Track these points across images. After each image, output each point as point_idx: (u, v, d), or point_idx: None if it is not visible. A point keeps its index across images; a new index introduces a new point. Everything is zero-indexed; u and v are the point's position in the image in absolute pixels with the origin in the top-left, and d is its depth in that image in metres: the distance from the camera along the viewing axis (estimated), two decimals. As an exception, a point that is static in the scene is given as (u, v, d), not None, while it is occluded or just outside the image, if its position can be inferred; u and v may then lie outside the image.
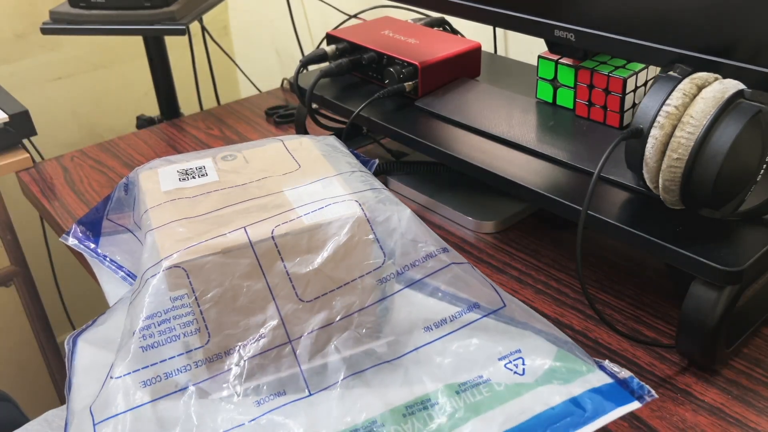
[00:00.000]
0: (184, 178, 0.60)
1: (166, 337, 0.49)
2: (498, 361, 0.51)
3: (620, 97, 0.69)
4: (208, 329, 0.50)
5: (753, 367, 0.57)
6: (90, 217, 0.66)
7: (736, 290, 0.53)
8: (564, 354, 0.52)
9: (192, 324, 0.50)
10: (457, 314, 0.53)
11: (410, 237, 0.54)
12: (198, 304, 0.50)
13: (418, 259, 0.53)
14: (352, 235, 0.52)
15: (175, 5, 1.02)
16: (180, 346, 0.49)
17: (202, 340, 0.50)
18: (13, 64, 1.42)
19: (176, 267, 0.49)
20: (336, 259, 0.52)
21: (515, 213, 0.78)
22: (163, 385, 0.48)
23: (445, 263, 0.53)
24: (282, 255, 0.51)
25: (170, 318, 0.49)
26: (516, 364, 0.51)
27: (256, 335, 0.51)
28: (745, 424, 0.52)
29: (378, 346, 0.52)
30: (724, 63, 0.55)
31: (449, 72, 0.83)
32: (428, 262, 0.53)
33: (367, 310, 0.52)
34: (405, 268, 0.53)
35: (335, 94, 0.86)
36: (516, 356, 0.52)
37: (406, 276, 0.53)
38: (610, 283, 0.68)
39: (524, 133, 0.72)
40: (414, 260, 0.53)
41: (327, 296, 0.52)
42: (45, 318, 1.21)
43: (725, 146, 0.50)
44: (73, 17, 1.02)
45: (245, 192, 0.57)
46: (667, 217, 0.58)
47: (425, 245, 0.54)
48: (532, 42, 0.74)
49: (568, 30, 0.67)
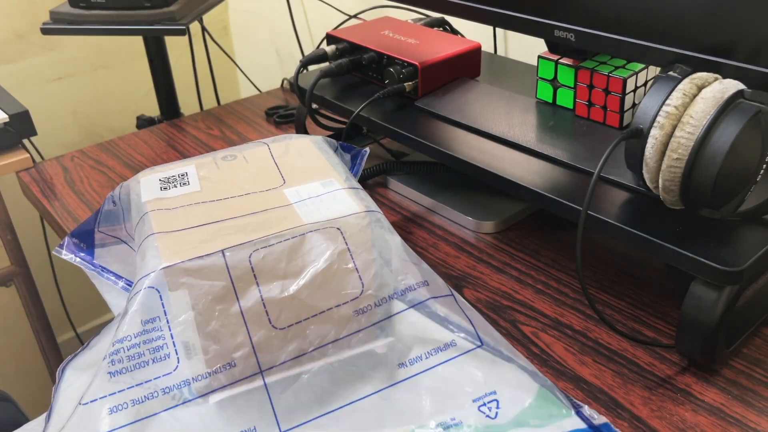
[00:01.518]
0: (165, 186, 0.59)
1: (135, 363, 0.48)
2: (472, 403, 0.50)
3: (620, 97, 0.69)
4: (177, 354, 0.48)
5: (753, 367, 0.57)
6: (82, 228, 0.65)
7: (736, 290, 0.53)
8: (545, 393, 0.50)
9: (162, 349, 0.48)
10: (432, 351, 0.51)
11: (390, 268, 0.52)
12: (169, 328, 0.48)
13: (397, 291, 0.51)
14: (332, 263, 0.50)
15: (175, 5, 1.02)
16: (148, 372, 0.47)
17: (170, 366, 0.48)
18: (13, 64, 1.42)
19: (150, 288, 0.48)
20: (313, 287, 0.50)
21: (515, 213, 0.78)
22: (128, 413, 0.47)
23: (425, 297, 0.52)
24: (258, 279, 0.49)
25: (140, 343, 0.48)
26: (490, 407, 0.49)
27: (226, 363, 0.49)
28: (745, 424, 0.52)
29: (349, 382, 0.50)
30: (724, 63, 0.55)
31: (449, 72, 0.83)
32: (407, 296, 0.51)
33: (341, 341, 0.51)
34: (382, 300, 0.51)
35: (335, 94, 0.86)
36: (491, 398, 0.50)
37: (383, 308, 0.51)
38: (610, 283, 0.68)
39: (524, 133, 0.72)
40: (393, 292, 0.51)
41: (301, 324, 0.50)
42: (45, 318, 1.21)
43: (725, 146, 0.50)
44: (73, 17, 1.02)
45: (226, 208, 0.55)
46: (667, 217, 0.58)
47: (405, 278, 0.52)
48: (532, 42, 0.74)
49: (568, 30, 0.67)
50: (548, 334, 0.62)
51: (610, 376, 0.57)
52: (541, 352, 0.60)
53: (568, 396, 0.51)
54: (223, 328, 0.49)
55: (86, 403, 0.47)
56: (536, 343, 0.61)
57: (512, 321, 0.64)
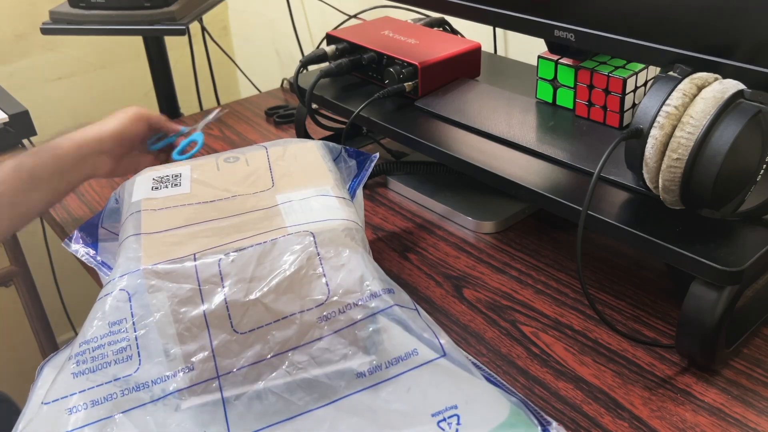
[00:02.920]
0: (157, 186, 0.60)
1: (97, 364, 0.48)
2: (431, 418, 0.47)
3: (620, 97, 0.69)
4: (140, 356, 0.48)
5: (753, 367, 0.57)
6: (89, 223, 0.67)
7: (736, 290, 0.53)
8: (516, 411, 0.48)
9: (125, 351, 0.48)
10: (393, 361, 0.49)
11: (357, 274, 0.51)
12: (135, 329, 0.48)
13: (362, 298, 0.50)
14: (300, 267, 0.50)
15: (175, 5, 1.02)
16: (109, 373, 0.48)
17: (132, 367, 0.48)
18: (13, 64, 1.42)
19: (121, 290, 0.49)
20: (278, 291, 0.49)
21: (515, 213, 0.78)
22: (87, 414, 0.46)
23: (388, 304, 0.50)
24: (224, 283, 0.49)
25: (105, 344, 0.48)
26: (450, 423, 0.47)
27: (185, 366, 0.48)
28: (745, 425, 0.52)
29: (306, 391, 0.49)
30: (724, 63, 0.55)
31: (449, 72, 0.83)
32: (371, 302, 0.50)
33: (301, 348, 0.49)
34: (347, 307, 0.50)
35: (335, 94, 0.86)
36: (451, 413, 0.47)
37: (348, 315, 0.50)
38: (610, 284, 0.68)
39: (524, 133, 0.72)
40: (357, 299, 0.50)
41: (263, 329, 0.49)
42: (45, 318, 1.21)
43: (725, 146, 0.50)
44: (73, 17, 1.02)
45: (211, 210, 0.56)
46: (667, 217, 0.58)
47: (371, 285, 0.51)
48: (532, 42, 0.74)
49: (568, 30, 0.67)
50: (548, 334, 0.62)
51: (610, 377, 0.57)
52: (541, 352, 0.60)
53: (537, 412, 0.49)
54: (186, 331, 0.48)
55: (48, 402, 0.47)
56: (536, 343, 0.61)
57: (512, 321, 0.64)
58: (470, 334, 0.63)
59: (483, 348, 0.61)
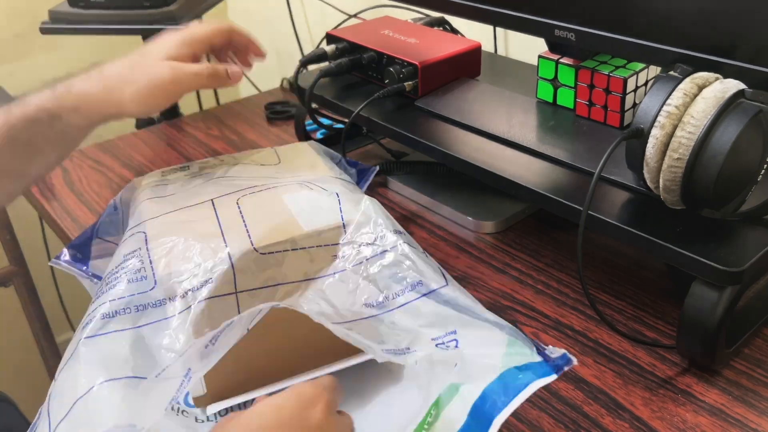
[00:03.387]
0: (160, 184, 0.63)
1: (110, 285, 0.50)
2: (431, 341, 0.49)
3: (621, 97, 0.69)
4: (155, 276, 0.49)
5: (754, 367, 0.57)
6: (79, 239, 0.66)
7: (736, 290, 0.52)
8: (513, 341, 0.48)
9: (139, 272, 0.50)
10: (399, 292, 0.52)
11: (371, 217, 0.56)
12: (149, 254, 0.50)
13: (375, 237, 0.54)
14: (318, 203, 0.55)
15: (175, 5, 1.01)
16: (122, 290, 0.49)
17: (147, 285, 0.49)
18: (13, 63, 1.42)
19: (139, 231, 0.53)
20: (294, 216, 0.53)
21: (515, 213, 0.77)
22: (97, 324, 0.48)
23: (397, 242, 0.54)
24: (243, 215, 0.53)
25: (119, 270, 0.50)
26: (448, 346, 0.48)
27: (204, 279, 0.49)
28: (745, 425, 0.52)
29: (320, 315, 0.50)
30: (724, 63, 0.55)
31: (449, 72, 0.83)
32: (382, 241, 0.54)
33: (315, 281, 0.52)
34: (360, 245, 0.54)
35: (335, 94, 0.85)
36: (451, 338, 0.49)
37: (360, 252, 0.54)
38: (610, 284, 0.67)
39: (524, 133, 0.71)
40: (371, 239, 0.54)
41: (280, 254, 0.52)
42: (44, 318, 1.21)
43: (726, 146, 0.50)
44: (73, 17, 1.02)
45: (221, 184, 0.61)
46: (668, 217, 0.58)
47: (383, 223, 0.55)
48: (532, 42, 0.74)
49: (568, 30, 0.66)
50: (549, 334, 0.62)
51: (610, 377, 0.57)
52: (541, 353, 0.60)
53: (529, 338, 0.50)
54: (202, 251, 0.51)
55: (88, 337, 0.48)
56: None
57: (513, 321, 0.64)
58: (470, 334, 0.62)
59: (483, 348, 0.61)
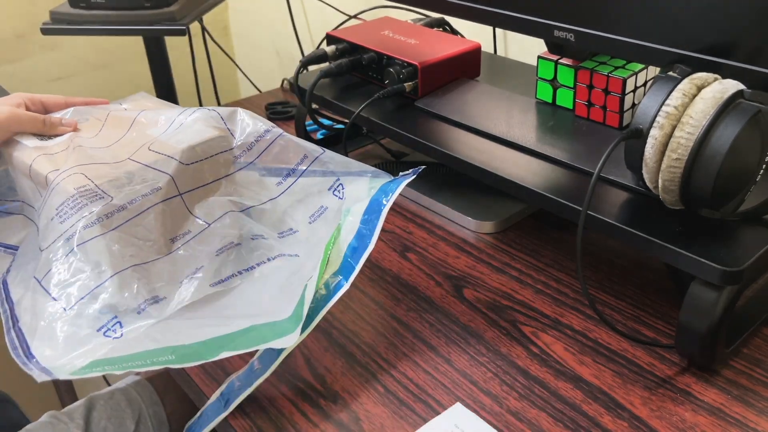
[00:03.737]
0: (42, 138, 0.70)
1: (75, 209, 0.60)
2: (328, 191, 0.69)
3: (620, 98, 0.69)
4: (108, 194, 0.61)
5: (753, 367, 0.57)
6: None
7: (735, 290, 0.53)
8: (373, 179, 0.67)
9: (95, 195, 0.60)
10: (295, 167, 0.70)
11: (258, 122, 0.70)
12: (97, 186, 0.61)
13: (260, 133, 0.69)
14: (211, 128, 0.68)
15: (175, 5, 1.02)
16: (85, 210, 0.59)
17: (106, 200, 0.60)
18: (13, 64, 1.42)
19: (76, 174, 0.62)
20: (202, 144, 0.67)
21: (515, 213, 0.78)
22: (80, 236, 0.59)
23: (280, 132, 0.70)
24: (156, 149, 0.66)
25: (77, 197, 0.60)
26: (338, 190, 0.69)
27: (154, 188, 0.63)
28: (744, 425, 0.52)
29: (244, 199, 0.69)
30: (723, 63, 0.55)
31: (449, 72, 0.83)
32: (266, 135, 0.69)
33: (230, 176, 0.69)
34: (251, 144, 0.69)
35: (335, 94, 0.86)
36: (338, 184, 0.69)
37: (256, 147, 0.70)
38: (609, 284, 0.68)
39: (524, 134, 0.72)
40: (257, 136, 0.69)
41: (198, 163, 0.66)
42: (45, 318, 1.21)
43: (725, 146, 0.50)
44: (73, 17, 1.02)
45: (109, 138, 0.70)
46: (667, 217, 0.58)
47: (263, 123, 0.70)
48: (532, 42, 0.74)
49: (568, 30, 0.67)
50: (548, 334, 0.62)
51: (610, 376, 0.57)
52: (540, 352, 0.60)
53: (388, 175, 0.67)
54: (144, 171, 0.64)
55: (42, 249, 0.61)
56: (536, 343, 0.61)
57: (512, 321, 0.64)
58: (470, 334, 0.63)
59: (483, 348, 0.61)
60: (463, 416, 0.54)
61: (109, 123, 0.74)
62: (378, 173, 0.68)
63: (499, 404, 0.55)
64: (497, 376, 0.58)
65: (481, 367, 0.59)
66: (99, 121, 0.74)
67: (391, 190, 0.63)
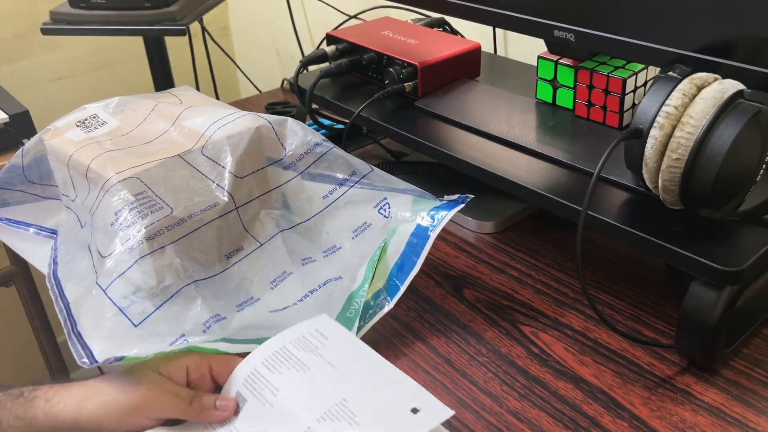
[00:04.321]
0: (88, 130, 0.72)
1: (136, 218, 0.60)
2: (373, 209, 0.70)
3: (620, 98, 0.69)
4: (168, 205, 0.62)
5: (753, 367, 0.57)
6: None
7: (735, 290, 0.53)
8: (417, 200, 0.68)
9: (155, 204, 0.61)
10: (343, 182, 0.71)
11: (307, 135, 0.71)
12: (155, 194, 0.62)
13: (309, 147, 0.70)
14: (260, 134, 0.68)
15: (175, 5, 1.02)
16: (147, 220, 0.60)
17: (166, 212, 0.61)
18: (13, 64, 1.42)
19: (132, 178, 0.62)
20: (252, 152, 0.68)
21: (515, 213, 0.78)
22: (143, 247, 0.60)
23: (329, 147, 0.71)
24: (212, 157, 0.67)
25: (136, 205, 0.61)
26: (384, 209, 0.69)
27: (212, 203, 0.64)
28: (744, 424, 0.52)
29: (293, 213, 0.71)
30: (723, 63, 0.55)
31: (449, 72, 0.83)
32: (316, 149, 0.70)
33: (276, 189, 0.70)
34: (300, 156, 0.70)
35: (335, 94, 0.86)
36: (384, 203, 0.70)
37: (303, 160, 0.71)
38: (609, 284, 0.68)
39: (524, 134, 0.72)
40: (306, 149, 0.70)
41: (251, 176, 0.68)
42: (45, 318, 1.21)
43: (725, 146, 0.50)
44: (73, 17, 1.02)
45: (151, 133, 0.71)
46: (667, 217, 0.58)
47: (312, 137, 0.71)
48: (532, 42, 0.74)
49: (568, 30, 0.67)
50: (548, 334, 0.62)
51: (610, 376, 0.57)
52: (540, 352, 0.60)
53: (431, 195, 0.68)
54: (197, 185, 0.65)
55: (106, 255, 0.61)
56: (536, 343, 0.61)
57: (512, 321, 0.64)
58: (470, 334, 0.63)
59: (483, 348, 0.61)
60: (324, 322, 0.57)
61: (156, 114, 0.74)
62: (423, 194, 0.68)
63: (499, 404, 0.55)
64: (497, 376, 0.58)
65: (481, 367, 0.59)
66: (144, 113, 0.75)
67: (439, 216, 0.65)
